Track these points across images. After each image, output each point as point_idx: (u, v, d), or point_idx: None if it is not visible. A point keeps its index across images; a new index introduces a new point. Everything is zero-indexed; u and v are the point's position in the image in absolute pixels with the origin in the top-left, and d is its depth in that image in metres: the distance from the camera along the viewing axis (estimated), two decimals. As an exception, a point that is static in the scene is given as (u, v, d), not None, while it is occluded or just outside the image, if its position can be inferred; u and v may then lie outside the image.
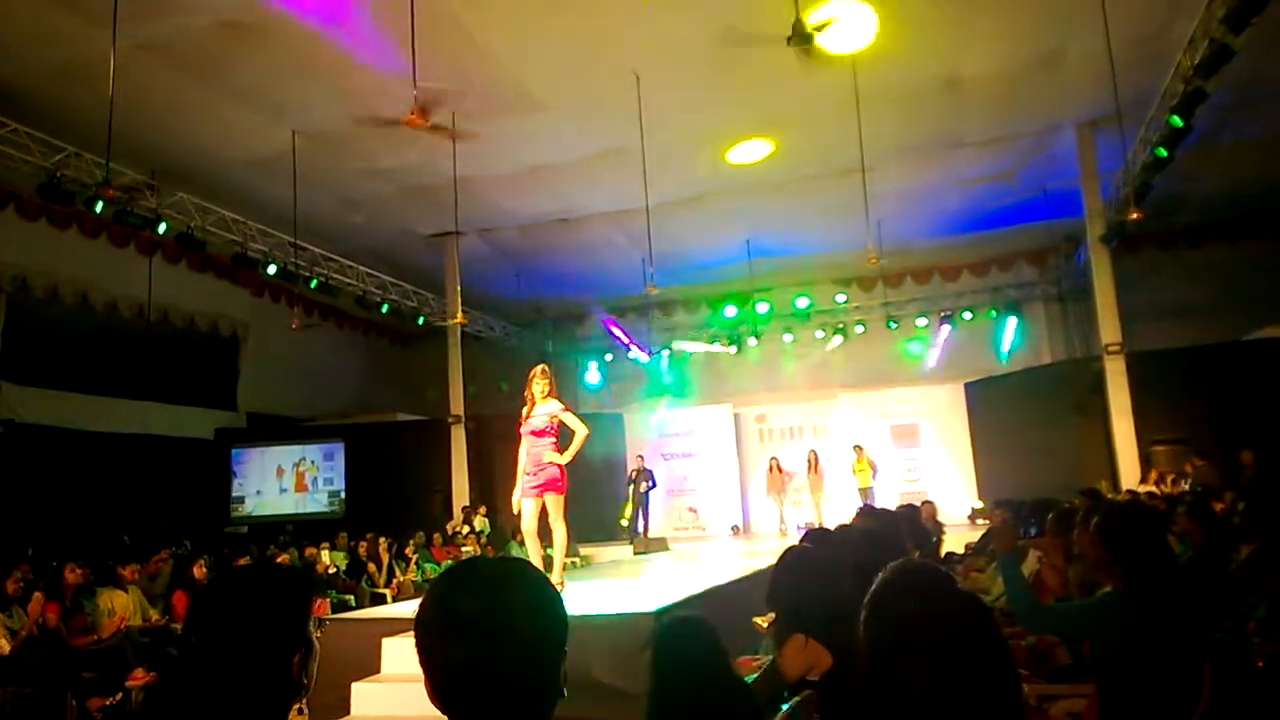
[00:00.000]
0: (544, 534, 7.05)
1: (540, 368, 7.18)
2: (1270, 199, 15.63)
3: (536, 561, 6.76)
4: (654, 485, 17.05)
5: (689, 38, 10.12)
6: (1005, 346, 18.80)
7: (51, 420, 13.83)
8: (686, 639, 2.92)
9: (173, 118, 11.27)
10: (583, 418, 7.24)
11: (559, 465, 6.85)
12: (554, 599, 1.37)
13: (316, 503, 17.66)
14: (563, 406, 7.02)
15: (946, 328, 19.05)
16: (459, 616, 1.29)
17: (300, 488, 17.74)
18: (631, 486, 16.76)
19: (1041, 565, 5.49)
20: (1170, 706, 2.89)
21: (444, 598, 1.33)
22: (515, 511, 7.08)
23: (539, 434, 6.92)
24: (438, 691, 1.31)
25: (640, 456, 17.50)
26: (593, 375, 21.47)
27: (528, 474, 6.92)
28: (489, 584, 1.33)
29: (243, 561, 9.55)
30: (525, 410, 7.01)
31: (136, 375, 15.22)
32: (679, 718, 2.81)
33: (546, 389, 7.00)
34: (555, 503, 6.86)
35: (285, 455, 17.84)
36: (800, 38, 8.58)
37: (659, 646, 2.93)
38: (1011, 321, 18.77)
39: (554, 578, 6.55)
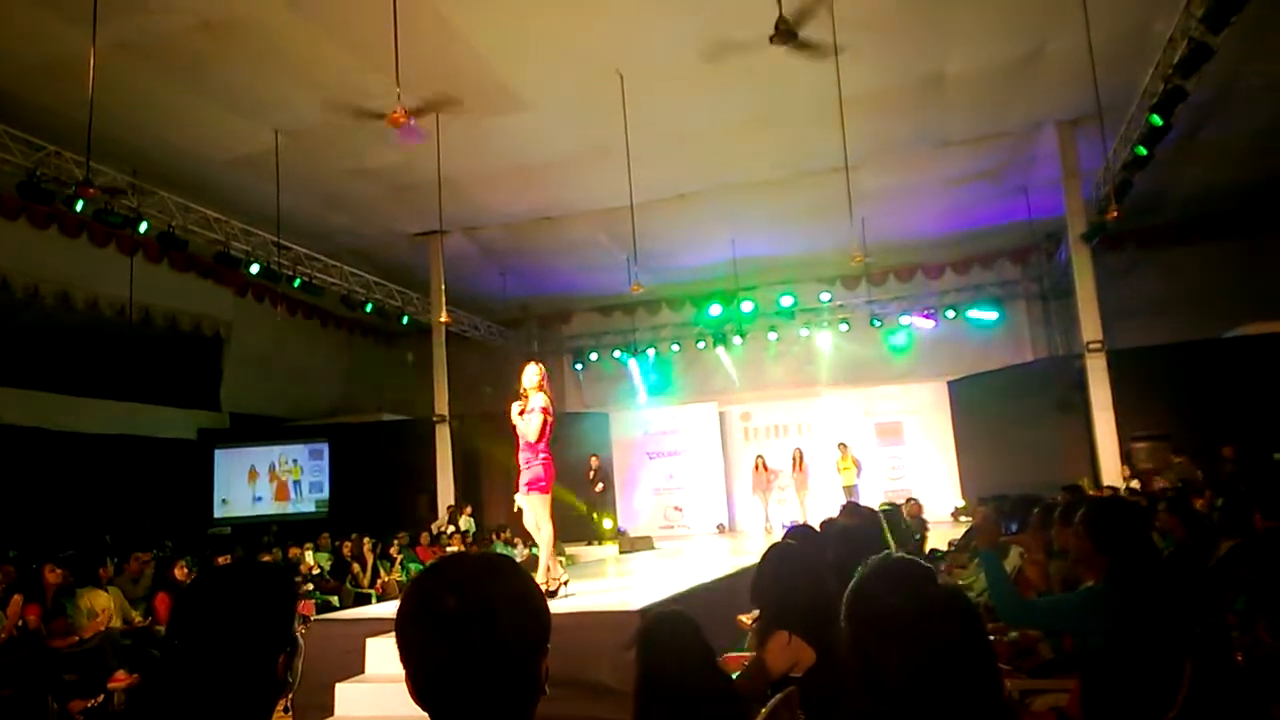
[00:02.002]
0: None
1: (532, 363, 7.10)
2: (1249, 197, 15.77)
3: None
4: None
5: (673, 37, 10.12)
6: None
7: (32, 421, 13.72)
8: (671, 635, 2.93)
9: (153, 116, 11.18)
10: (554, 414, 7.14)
11: (543, 464, 6.79)
12: (536, 595, 1.35)
13: (300, 504, 17.56)
14: (546, 399, 6.84)
15: (930, 322, 19.01)
16: (440, 613, 1.27)
17: (281, 494, 17.60)
18: (589, 487, 16.93)
19: (1024, 561, 5.51)
20: (1152, 699, 2.91)
21: (425, 594, 1.32)
22: (515, 509, 7.10)
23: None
24: (419, 689, 1.29)
25: (595, 456, 17.51)
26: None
27: (521, 471, 6.89)
28: (470, 580, 1.31)
29: (224, 560, 9.47)
30: (520, 407, 6.89)
31: (118, 375, 15.11)
32: (664, 714, 2.82)
33: (538, 382, 6.86)
34: (539, 502, 6.80)
35: (260, 456, 17.70)
36: (784, 36, 8.61)
37: (644, 643, 2.93)
38: (991, 314, 18.78)
39: (538, 578, 6.52)
